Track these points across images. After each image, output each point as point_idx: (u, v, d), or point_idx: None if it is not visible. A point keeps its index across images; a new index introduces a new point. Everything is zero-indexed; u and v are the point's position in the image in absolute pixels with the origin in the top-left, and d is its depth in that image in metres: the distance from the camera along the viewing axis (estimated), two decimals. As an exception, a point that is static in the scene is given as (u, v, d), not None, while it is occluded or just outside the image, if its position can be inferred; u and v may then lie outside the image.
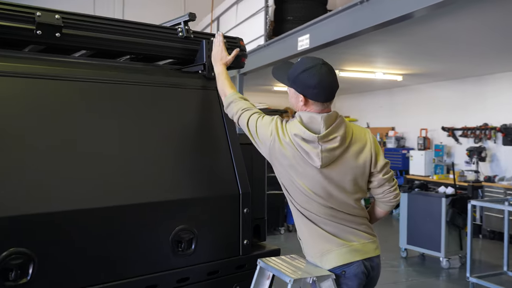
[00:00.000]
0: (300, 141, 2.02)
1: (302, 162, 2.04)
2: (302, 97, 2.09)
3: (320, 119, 2.04)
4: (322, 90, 2.06)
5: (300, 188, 2.07)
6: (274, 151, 2.08)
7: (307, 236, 2.14)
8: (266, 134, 2.10)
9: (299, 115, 2.09)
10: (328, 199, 2.07)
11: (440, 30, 5.34)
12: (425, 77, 9.15)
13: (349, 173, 2.10)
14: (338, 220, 2.10)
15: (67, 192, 1.86)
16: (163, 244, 2.07)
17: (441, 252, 6.16)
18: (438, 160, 9.34)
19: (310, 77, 2.05)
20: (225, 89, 2.33)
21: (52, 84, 1.97)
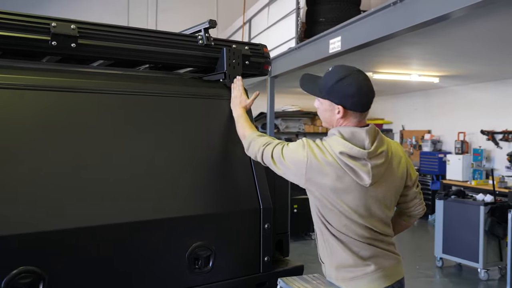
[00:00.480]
0: (346, 159, 1.88)
1: (347, 182, 1.89)
2: (340, 108, 1.96)
3: (365, 133, 1.92)
4: (362, 98, 1.95)
5: (341, 209, 1.92)
6: (312, 175, 1.91)
7: (336, 261, 2.00)
8: (298, 158, 1.94)
9: (338, 130, 1.94)
10: (369, 218, 1.96)
11: (478, 30, 5.10)
12: (463, 78, 8.82)
13: (392, 189, 2.02)
14: (373, 242, 1.99)
15: (78, 209, 1.80)
16: (180, 262, 2.00)
17: (479, 263, 5.89)
18: (477, 165, 8.98)
19: (348, 85, 1.93)
20: (244, 131, 2.20)
21: (64, 96, 1.92)
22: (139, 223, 1.91)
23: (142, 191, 1.96)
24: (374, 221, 1.98)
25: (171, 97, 2.16)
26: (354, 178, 1.89)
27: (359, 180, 1.89)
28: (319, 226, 2.02)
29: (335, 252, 1.99)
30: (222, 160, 2.23)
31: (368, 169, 1.89)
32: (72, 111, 1.93)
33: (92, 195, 1.85)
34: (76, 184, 1.83)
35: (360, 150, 1.88)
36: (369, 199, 1.94)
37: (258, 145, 2.09)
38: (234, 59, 2.35)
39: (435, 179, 9.84)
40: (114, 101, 2.03)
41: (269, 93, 8.05)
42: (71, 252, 1.78)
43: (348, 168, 1.88)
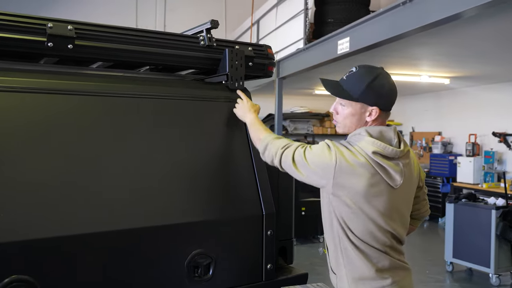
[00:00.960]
0: (380, 159, 1.78)
1: (378, 184, 1.80)
2: (374, 109, 1.87)
3: (393, 133, 1.87)
4: (393, 97, 1.92)
5: (370, 214, 1.82)
6: (342, 179, 1.78)
7: (352, 272, 1.89)
8: (325, 161, 1.80)
9: (365, 130, 1.84)
10: (394, 222, 1.87)
11: (490, 30, 4.99)
12: (474, 79, 8.68)
13: (413, 190, 1.98)
14: (390, 251, 1.89)
15: (72, 216, 1.75)
16: (178, 270, 1.94)
17: (491, 268, 5.77)
18: (488, 168, 8.83)
19: (381, 85, 1.88)
20: (259, 134, 2.08)
21: (59, 98, 1.87)
22: (135, 230, 1.84)
23: (139, 196, 1.90)
24: (397, 225, 1.90)
25: (170, 100, 2.09)
26: (385, 179, 1.81)
27: (391, 180, 1.81)
28: (337, 234, 1.89)
29: (352, 262, 1.87)
30: (223, 164, 2.16)
31: (401, 168, 1.83)
32: (65, 114, 1.88)
33: (87, 201, 1.79)
34: (71, 191, 1.78)
35: (394, 149, 1.82)
36: (397, 200, 1.86)
37: (276, 148, 1.95)
38: (236, 60, 2.28)
39: (445, 182, 9.71)
40: (110, 104, 1.97)
41: (277, 94, 7.99)
42: (65, 260, 1.72)
43: (381, 168, 1.79)
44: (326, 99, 12.01)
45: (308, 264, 6.58)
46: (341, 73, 2.04)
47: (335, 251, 1.93)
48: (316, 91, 10.74)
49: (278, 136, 2.04)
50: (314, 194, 7.84)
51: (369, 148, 1.79)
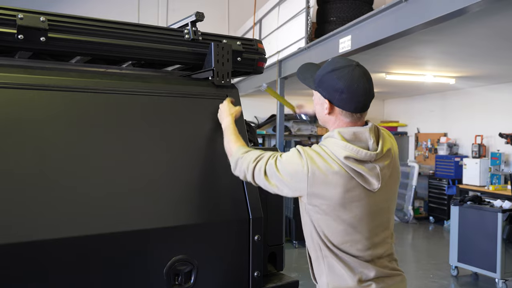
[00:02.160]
0: (353, 164, 1.66)
1: (355, 190, 1.67)
2: (326, 103, 1.75)
3: (368, 132, 1.70)
4: (352, 96, 1.70)
5: (348, 222, 1.70)
6: (316, 188, 1.67)
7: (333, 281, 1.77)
8: (296, 170, 1.69)
9: (337, 132, 1.71)
10: (377, 227, 1.75)
11: (497, 27, 4.83)
12: (481, 79, 8.50)
13: (396, 189, 1.82)
14: (377, 260, 1.77)
15: (43, 220, 1.62)
16: (157, 277, 1.80)
17: (497, 273, 5.60)
18: (495, 169, 8.64)
19: (338, 78, 1.70)
20: (231, 146, 1.95)
21: (29, 94, 1.75)
22: (108, 235, 1.71)
23: (113, 199, 1.77)
24: (381, 230, 1.78)
25: (150, 96, 1.96)
26: (362, 184, 1.68)
27: (367, 185, 1.68)
28: (317, 243, 1.78)
29: (334, 272, 1.76)
30: (207, 165, 2.02)
31: (377, 172, 1.69)
32: (36, 111, 1.75)
33: (58, 204, 1.66)
34: (45, 194, 1.65)
35: (368, 153, 1.67)
36: (377, 205, 1.73)
37: (247, 163, 1.83)
38: (223, 54, 2.15)
39: (451, 184, 9.54)
40: (84, 100, 1.84)
41: (279, 94, 7.86)
42: (34, 265, 1.59)
43: (356, 173, 1.66)
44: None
45: (307, 268, 6.44)
46: None
47: (316, 260, 1.82)
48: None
49: (248, 148, 1.91)
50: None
51: (341, 153, 1.67)
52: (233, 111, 2.08)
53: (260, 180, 1.80)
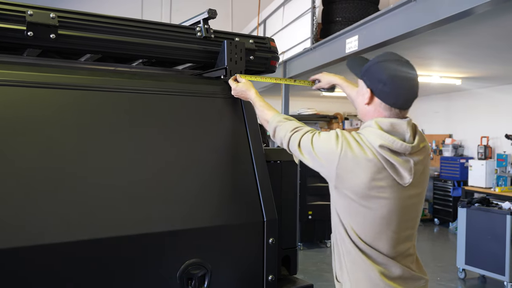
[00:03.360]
0: (388, 154, 1.64)
1: (384, 180, 1.65)
2: (368, 92, 1.73)
3: (406, 125, 1.69)
4: (394, 90, 1.69)
5: (376, 214, 1.68)
6: (344, 170, 1.66)
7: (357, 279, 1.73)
8: (331, 149, 1.69)
9: (375, 121, 1.70)
10: (402, 223, 1.72)
11: (505, 28, 4.78)
12: (487, 80, 8.44)
13: (425, 189, 1.80)
14: (401, 259, 1.75)
15: (50, 223, 1.56)
16: (170, 282, 1.75)
17: (505, 276, 5.53)
18: (501, 171, 8.56)
19: (384, 69, 1.70)
20: (266, 114, 1.97)
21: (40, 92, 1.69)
22: (121, 238, 1.66)
23: (126, 201, 1.71)
24: (407, 228, 1.75)
25: (161, 95, 1.91)
26: (393, 176, 1.65)
27: (399, 178, 1.66)
28: (340, 235, 1.77)
29: (357, 268, 1.72)
30: (221, 166, 1.97)
31: (411, 166, 1.67)
32: (47, 109, 1.70)
33: (66, 206, 1.61)
34: (56, 195, 1.60)
35: (404, 144, 1.65)
36: (406, 200, 1.71)
37: (285, 131, 1.87)
38: (236, 53, 2.10)
39: (456, 186, 9.47)
40: (97, 99, 1.79)
41: (284, 95, 7.82)
42: (43, 270, 1.54)
43: (388, 164, 1.65)
44: (334, 100, 11.82)
45: (315, 270, 6.39)
46: (350, 72, 1.93)
47: (338, 255, 1.81)
48: (323, 93, 10.53)
49: (286, 117, 1.93)
50: (321, 198, 7.65)
51: (376, 141, 1.65)
52: (249, 85, 2.06)
53: (293, 149, 1.84)
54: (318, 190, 7.47)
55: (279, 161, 2.17)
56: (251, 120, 2.10)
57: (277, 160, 2.16)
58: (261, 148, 2.07)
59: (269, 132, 1.95)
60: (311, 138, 1.77)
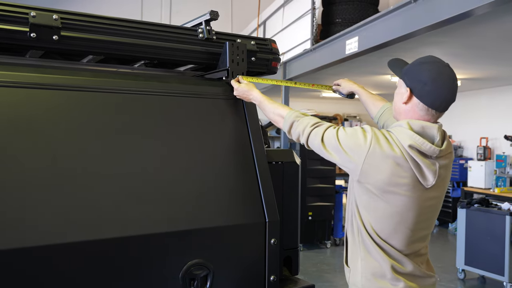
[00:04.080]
0: (416, 155, 1.68)
1: (407, 179, 1.69)
2: (408, 91, 1.75)
3: (436, 130, 1.72)
4: (434, 90, 1.71)
5: (393, 210, 1.73)
6: (371, 165, 1.70)
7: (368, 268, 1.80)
8: (359, 144, 1.71)
9: (407, 122, 1.73)
10: (418, 223, 1.77)
11: (504, 29, 4.79)
12: (487, 81, 8.46)
13: (443, 195, 1.84)
14: (416, 258, 1.82)
15: (52, 224, 1.57)
16: (172, 282, 1.76)
17: (505, 276, 5.54)
18: (500, 172, 8.59)
19: (426, 70, 1.72)
20: (279, 111, 1.97)
21: (42, 93, 1.70)
22: (124, 239, 1.67)
23: (128, 202, 1.72)
24: (422, 228, 1.80)
25: (164, 96, 1.92)
26: (417, 176, 1.69)
27: (422, 179, 1.70)
28: (356, 225, 1.82)
29: (370, 257, 1.79)
30: (222, 167, 1.98)
31: (436, 169, 1.71)
32: (48, 110, 1.71)
33: (69, 207, 1.61)
34: (57, 196, 1.60)
35: (432, 147, 1.69)
36: (427, 201, 1.75)
37: (304, 125, 1.86)
38: (238, 54, 2.11)
39: (455, 186, 9.49)
40: (96, 100, 1.79)
41: (284, 96, 7.84)
42: (42, 272, 1.55)
43: (415, 164, 1.68)
44: (334, 101, 11.84)
45: (315, 271, 6.39)
46: (350, 73, 1.96)
47: (353, 244, 1.86)
48: (323, 94, 10.55)
49: (303, 112, 1.94)
50: (321, 199, 7.67)
51: (406, 141, 1.69)
52: (251, 85, 2.07)
53: (314, 144, 1.84)
54: (318, 191, 7.49)
55: (280, 162, 2.18)
56: (253, 121, 2.10)
57: (278, 161, 2.17)
58: (263, 149, 2.08)
59: (284, 127, 1.94)
60: (336, 133, 1.78)
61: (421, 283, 1.80)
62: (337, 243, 7.86)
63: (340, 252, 7.48)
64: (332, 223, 7.78)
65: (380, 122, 2.17)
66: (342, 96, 2.42)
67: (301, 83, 2.45)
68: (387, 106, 2.18)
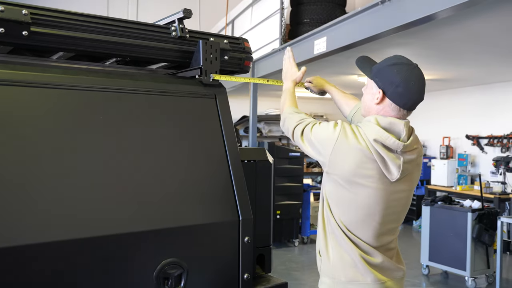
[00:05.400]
0: (380, 148, 1.76)
1: (369, 170, 1.76)
2: (380, 93, 1.81)
3: (403, 126, 1.78)
4: (406, 92, 1.78)
5: (360, 202, 1.80)
6: (337, 156, 1.80)
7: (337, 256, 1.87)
8: (328, 136, 1.83)
9: (375, 117, 1.80)
10: (385, 219, 1.84)
11: (467, 32, 4.95)
12: (450, 82, 8.71)
13: (412, 190, 1.91)
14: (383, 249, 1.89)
15: (26, 223, 1.53)
16: (146, 282, 1.74)
17: (467, 271, 5.73)
18: (462, 170, 8.87)
19: (397, 72, 1.78)
20: (284, 105, 2.14)
21: (11, 90, 1.66)
22: (97, 238, 1.64)
23: (101, 202, 1.69)
24: (390, 221, 1.86)
25: (136, 94, 1.90)
26: (382, 169, 1.76)
27: (387, 173, 1.77)
28: (327, 217, 1.91)
29: (340, 248, 1.86)
30: (196, 166, 1.97)
31: (400, 163, 1.77)
32: (13, 107, 1.66)
33: (42, 207, 1.58)
34: (28, 196, 1.56)
35: (396, 141, 1.76)
36: (392, 195, 1.81)
37: (292, 121, 2.01)
38: (211, 53, 2.11)
39: (419, 185, 9.72)
40: (68, 98, 1.76)
41: (252, 95, 7.85)
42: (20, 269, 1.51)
43: (379, 157, 1.75)
44: (300, 100, 11.91)
45: (283, 269, 6.44)
46: (318, 73, 2.06)
47: (323, 233, 1.92)
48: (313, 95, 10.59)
49: (298, 110, 2.08)
50: (289, 198, 7.72)
51: (371, 135, 1.76)
52: (295, 77, 2.25)
53: (297, 138, 1.97)
54: (286, 190, 7.55)
55: (253, 161, 2.19)
56: (226, 119, 2.10)
57: (251, 159, 2.19)
58: (236, 147, 2.08)
59: (281, 119, 2.12)
60: (311, 127, 1.90)
61: (391, 275, 1.87)
62: (305, 242, 7.94)
63: (308, 250, 7.56)
64: (300, 221, 7.85)
65: (354, 121, 2.22)
66: (313, 93, 2.46)
67: (274, 80, 2.47)
68: (359, 105, 2.22)
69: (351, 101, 2.28)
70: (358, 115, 2.20)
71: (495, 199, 7.63)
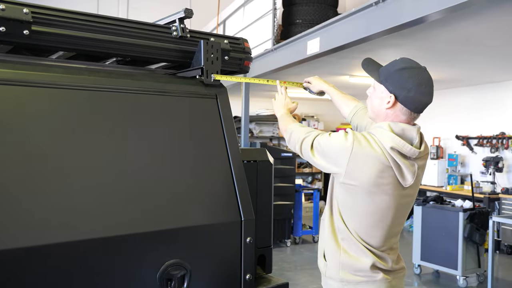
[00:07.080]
0: (397, 156, 1.75)
1: (388, 179, 1.76)
2: (391, 97, 1.80)
3: (415, 132, 1.80)
4: (418, 96, 1.79)
5: (376, 209, 1.80)
6: (354, 167, 1.76)
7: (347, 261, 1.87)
8: (341, 147, 1.78)
9: (388, 124, 1.79)
10: (394, 222, 1.85)
11: (458, 33, 5.00)
12: (440, 83, 8.78)
13: (416, 192, 1.93)
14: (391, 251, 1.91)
15: (27, 226, 1.51)
16: (150, 283, 1.73)
17: (458, 270, 5.78)
18: (452, 170, 8.95)
19: (409, 77, 1.78)
20: (286, 125, 2.09)
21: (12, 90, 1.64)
22: (100, 240, 1.62)
23: (103, 202, 1.68)
24: (398, 224, 1.90)
25: (137, 95, 1.88)
26: (397, 177, 1.76)
27: (402, 179, 1.77)
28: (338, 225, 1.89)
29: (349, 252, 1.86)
30: (198, 166, 1.96)
31: (415, 169, 1.79)
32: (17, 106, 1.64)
33: (44, 209, 1.56)
34: (28, 198, 1.54)
35: (412, 148, 1.77)
36: (403, 199, 1.83)
37: (299, 135, 1.96)
38: (212, 53, 2.10)
39: (410, 184, 9.77)
40: (69, 97, 1.74)
41: (244, 96, 7.85)
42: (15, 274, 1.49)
43: (395, 165, 1.75)
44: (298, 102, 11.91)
45: (276, 270, 6.44)
46: (311, 74, 2.04)
47: (332, 239, 1.90)
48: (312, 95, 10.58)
49: (303, 125, 2.04)
50: (281, 198, 7.72)
51: (387, 143, 1.75)
52: (290, 107, 2.23)
53: (306, 152, 1.91)
54: (278, 190, 7.54)
55: (254, 161, 2.19)
56: (227, 119, 2.10)
57: (252, 160, 2.18)
58: (238, 148, 2.08)
59: (286, 138, 2.05)
60: (321, 139, 1.86)
61: (394, 275, 1.90)
62: (297, 242, 7.95)
63: (300, 250, 7.57)
64: (292, 222, 7.86)
65: (354, 122, 2.22)
66: (312, 94, 2.46)
67: (273, 80, 2.47)
68: (359, 106, 2.23)
69: (351, 101, 2.29)
70: (358, 116, 2.20)
71: (485, 198, 7.70)
